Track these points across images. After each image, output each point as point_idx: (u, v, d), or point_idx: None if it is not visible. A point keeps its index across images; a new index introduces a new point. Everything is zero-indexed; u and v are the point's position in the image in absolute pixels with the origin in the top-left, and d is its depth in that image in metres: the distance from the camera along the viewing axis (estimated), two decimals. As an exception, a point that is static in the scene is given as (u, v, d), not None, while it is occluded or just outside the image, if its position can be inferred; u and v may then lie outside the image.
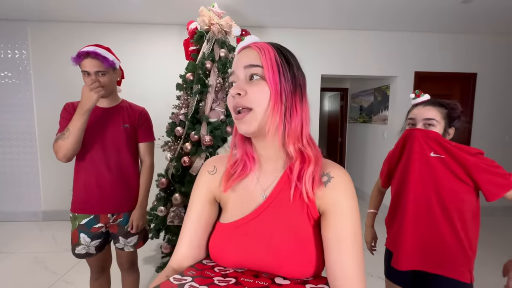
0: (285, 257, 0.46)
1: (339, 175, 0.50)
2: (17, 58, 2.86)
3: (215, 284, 0.42)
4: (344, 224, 0.46)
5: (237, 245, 0.49)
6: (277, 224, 0.48)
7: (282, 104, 0.47)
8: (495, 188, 0.84)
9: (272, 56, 0.47)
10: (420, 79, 3.20)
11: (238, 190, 0.53)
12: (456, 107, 0.96)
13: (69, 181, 3.12)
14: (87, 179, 1.17)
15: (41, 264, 2.13)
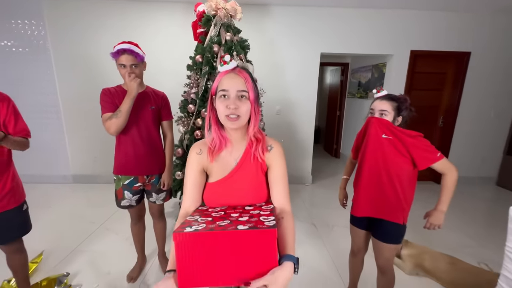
0: (250, 194, 0.83)
1: (276, 146, 0.86)
2: (36, 35, 3.06)
3: (213, 216, 0.73)
4: (278, 172, 0.84)
5: (221, 193, 0.84)
6: (245, 177, 0.83)
7: (253, 111, 0.80)
8: (424, 160, 1.17)
9: (251, 83, 0.78)
10: (415, 57, 3.34)
11: (219, 161, 0.85)
12: (405, 101, 1.24)
13: (92, 149, 3.54)
14: (127, 149, 1.51)
15: (79, 216, 2.61)
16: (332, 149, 5.26)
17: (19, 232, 1.37)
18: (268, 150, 0.84)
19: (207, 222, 0.67)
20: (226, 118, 0.77)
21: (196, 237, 0.60)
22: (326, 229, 2.48)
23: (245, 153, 0.84)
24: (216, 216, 0.72)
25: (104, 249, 2.10)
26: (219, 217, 0.71)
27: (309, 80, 3.36)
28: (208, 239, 0.60)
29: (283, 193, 0.82)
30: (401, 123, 1.26)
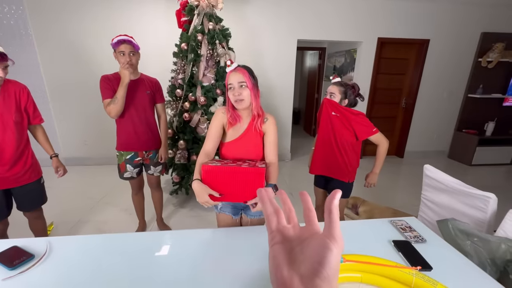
0: (251, 151, 1.18)
1: (271, 119, 1.20)
2: (16, 20, 3.05)
3: (226, 162, 1.07)
4: (270, 137, 1.18)
5: (233, 150, 1.19)
6: (248, 140, 1.18)
7: (253, 95, 1.12)
8: (362, 133, 1.54)
9: (248, 76, 1.10)
10: (382, 44, 3.70)
11: (233, 128, 1.19)
12: (352, 89, 1.57)
13: (81, 133, 3.67)
14: (127, 129, 1.75)
15: (78, 194, 2.84)
16: (311, 129, 5.67)
17: (39, 202, 1.63)
18: (264, 122, 1.18)
19: (224, 163, 1.03)
20: (235, 102, 1.12)
21: (215, 168, 0.99)
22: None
23: (249, 124, 1.18)
24: (228, 162, 1.07)
25: (106, 219, 2.38)
26: (230, 163, 1.06)
27: (287, 65, 3.64)
28: (222, 171, 0.98)
29: (273, 151, 1.18)
30: (348, 105, 1.60)
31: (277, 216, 0.30)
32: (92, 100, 3.35)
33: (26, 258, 0.88)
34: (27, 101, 1.47)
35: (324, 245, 0.25)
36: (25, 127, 1.51)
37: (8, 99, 1.40)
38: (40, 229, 1.70)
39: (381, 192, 3.06)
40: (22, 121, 1.47)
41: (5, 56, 1.30)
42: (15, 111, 1.42)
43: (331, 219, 0.27)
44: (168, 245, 1.00)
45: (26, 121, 1.50)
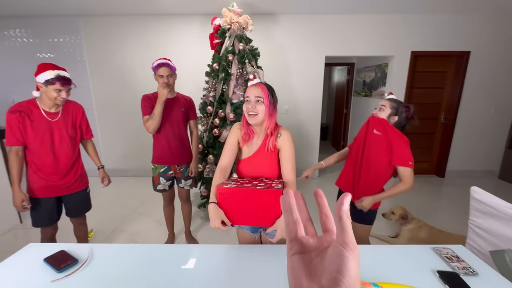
0: (265, 170, 1.16)
1: (284, 134, 1.15)
2: (74, 48, 3.52)
3: (241, 182, 1.07)
4: (285, 154, 1.13)
5: (248, 168, 1.19)
6: (262, 158, 1.16)
7: (267, 113, 1.11)
8: (398, 159, 1.42)
9: (267, 93, 1.11)
10: (416, 57, 3.55)
11: (247, 145, 1.20)
12: (405, 107, 1.46)
13: (122, 147, 3.96)
14: (162, 143, 1.87)
15: (115, 203, 3.04)
16: (339, 145, 5.50)
17: (85, 209, 1.78)
18: (277, 137, 1.14)
19: (240, 185, 1.01)
20: (248, 116, 1.11)
21: (229, 191, 0.96)
22: (329, 216, 2.77)
23: (263, 142, 1.16)
24: (243, 182, 1.06)
25: (139, 229, 2.50)
26: (245, 183, 1.05)
27: (315, 81, 3.64)
28: (237, 193, 0.95)
29: (289, 169, 1.12)
30: (396, 124, 1.47)
31: (296, 225, 0.29)
32: (132, 117, 3.66)
33: (71, 263, 0.96)
34: (82, 119, 1.67)
35: (340, 253, 0.25)
36: (78, 141, 1.70)
37: (67, 117, 1.59)
38: (83, 235, 1.84)
39: (420, 215, 2.80)
40: (76, 136, 1.66)
41: (70, 81, 1.51)
42: (71, 127, 1.61)
43: (342, 225, 0.26)
44: (195, 258, 1.02)
45: (79, 136, 1.69)
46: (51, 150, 1.54)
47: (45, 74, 1.41)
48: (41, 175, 1.55)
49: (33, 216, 1.60)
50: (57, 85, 1.44)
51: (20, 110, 1.44)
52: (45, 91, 1.45)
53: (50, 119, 1.53)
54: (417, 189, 3.52)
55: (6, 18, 3.40)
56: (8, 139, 1.45)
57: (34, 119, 1.48)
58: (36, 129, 1.48)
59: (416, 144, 3.90)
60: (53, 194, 1.61)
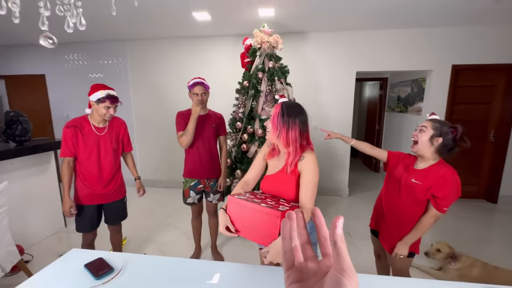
0: (283, 191, 1.12)
1: (307, 157, 1.09)
2: (120, 68, 3.92)
3: (256, 196, 1.05)
4: (305, 178, 1.08)
5: (267, 185, 1.17)
6: (281, 179, 1.14)
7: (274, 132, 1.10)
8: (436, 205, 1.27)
9: (275, 112, 1.10)
10: (457, 71, 3.31)
11: (272, 162, 1.20)
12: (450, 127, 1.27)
13: (155, 159, 4.18)
14: (193, 158, 1.95)
15: (147, 213, 3.18)
16: (371, 163, 5.21)
17: (121, 217, 1.91)
18: (300, 160, 1.10)
19: (249, 198, 1.01)
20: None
21: (237, 201, 1.00)
22: (362, 239, 2.59)
23: (284, 164, 1.14)
24: (257, 197, 1.05)
25: (167, 240, 2.57)
26: (258, 198, 1.04)
27: (345, 97, 3.56)
28: (242, 205, 0.98)
29: (306, 195, 1.06)
30: (441, 147, 1.29)
31: (294, 253, 0.29)
32: (167, 132, 3.89)
33: (108, 271, 1.01)
34: (124, 133, 1.83)
35: (337, 280, 0.24)
36: (120, 153, 1.85)
37: (112, 131, 1.76)
38: (118, 242, 1.95)
39: (470, 246, 2.49)
40: (118, 148, 1.81)
41: (117, 99, 1.68)
42: (115, 141, 1.77)
43: (338, 251, 0.25)
44: (219, 274, 1.02)
45: (121, 149, 1.84)
46: (97, 161, 1.69)
47: (97, 94, 1.59)
48: (87, 184, 1.70)
49: (78, 221, 1.75)
50: (107, 103, 1.61)
51: (74, 125, 1.63)
52: (96, 108, 1.63)
53: (98, 133, 1.70)
54: (465, 215, 3.16)
55: (66, 44, 3.92)
56: (63, 151, 1.63)
57: (85, 133, 1.65)
58: (86, 142, 1.65)
59: (461, 165, 3.54)
60: (96, 202, 1.74)
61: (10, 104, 4.41)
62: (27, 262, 2.11)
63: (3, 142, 2.28)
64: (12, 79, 4.31)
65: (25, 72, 4.18)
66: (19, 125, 2.20)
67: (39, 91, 4.21)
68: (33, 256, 2.21)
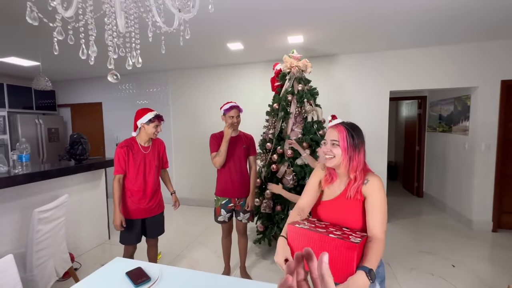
0: (346, 219, 1.03)
1: (372, 180, 1.01)
2: (162, 95, 4.37)
3: (316, 225, 0.99)
4: (373, 203, 0.97)
5: (326, 211, 1.10)
6: (343, 205, 1.04)
7: (346, 156, 1.00)
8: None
9: (344, 135, 1.01)
10: (508, 87, 3.02)
11: (330, 187, 1.11)
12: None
13: (190, 178, 4.41)
14: (225, 177, 2.05)
15: (180, 230, 3.31)
16: (413, 187, 4.80)
17: (160, 231, 2.04)
18: (364, 183, 1.00)
19: (311, 228, 0.95)
20: (325, 159, 1.05)
21: (300, 231, 0.92)
22: (402, 271, 2.35)
23: (346, 187, 1.05)
24: (318, 226, 0.98)
25: (198, 257, 2.63)
26: (320, 227, 0.97)
27: (379, 117, 3.45)
28: (307, 235, 0.90)
29: (376, 222, 0.95)
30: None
31: None
32: (201, 152, 4.13)
33: (145, 279, 1.10)
34: (164, 151, 2.03)
35: None
36: (160, 170, 2.02)
37: (154, 149, 1.96)
38: (154, 256, 2.06)
39: None
40: (159, 165, 2.00)
41: (162, 118, 1.90)
42: (157, 158, 1.96)
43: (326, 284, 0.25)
44: None
45: (160, 166, 2.01)
46: (143, 177, 1.89)
47: (147, 115, 1.82)
48: (134, 200, 1.88)
49: (124, 234, 1.90)
50: (156, 122, 1.84)
51: (126, 145, 1.85)
52: (146, 128, 1.84)
53: (144, 151, 1.91)
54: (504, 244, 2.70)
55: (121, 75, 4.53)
56: (116, 169, 1.83)
57: (135, 152, 1.87)
58: (135, 160, 1.86)
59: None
60: (141, 216, 1.91)
61: (73, 128, 5.14)
62: (76, 270, 2.32)
63: (67, 160, 2.66)
64: (76, 107, 5.07)
65: (87, 100, 4.89)
66: (80, 145, 2.56)
67: (96, 117, 4.86)
68: (81, 264, 2.44)
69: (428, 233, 3.16)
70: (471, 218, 3.26)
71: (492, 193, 3.15)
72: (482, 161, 3.16)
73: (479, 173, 3.18)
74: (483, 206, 3.19)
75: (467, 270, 2.36)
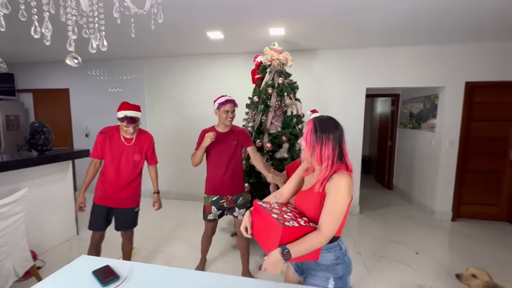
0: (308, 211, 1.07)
1: (335, 179, 0.98)
2: (137, 84, 4.14)
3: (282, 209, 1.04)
4: (328, 201, 0.98)
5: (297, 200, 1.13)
6: (308, 197, 1.08)
7: (308, 150, 1.03)
8: None
9: (310, 130, 1.04)
10: (471, 88, 3.25)
11: (307, 178, 1.15)
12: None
13: (167, 171, 4.23)
14: (215, 175, 1.96)
15: (155, 224, 3.21)
16: (384, 180, 5.07)
17: (129, 225, 1.96)
18: (329, 180, 1.00)
19: (271, 207, 1.05)
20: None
21: (258, 208, 1.05)
22: (372, 259, 2.49)
23: (316, 181, 1.06)
24: (281, 209, 1.05)
25: (173, 252, 2.57)
26: (282, 210, 1.04)
27: (355, 113, 3.56)
28: (260, 212, 1.03)
29: (325, 218, 0.97)
30: None
31: None
32: (179, 145, 4.01)
33: (113, 278, 1.04)
34: (148, 147, 1.94)
35: None
36: (140, 165, 1.93)
37: (137, 144, 1.88)
38: (128, 250, 2.00)
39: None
40: (140, 161, 1.91)
41: (135, 120, 1.79)
42: (138, 153, 1.88)
43: None
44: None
45: (143, 161, 1.94)
46: (117, 168, 1.83)
47: (119, 113, 1.78)
48: (105, 186, 1.85)
49: (91, 219, 1.88)
50: (124, 123, 1.77)
51: (105, 132, 1.83)
52: (120, 125, 1.82)
53: (126, 143, 1.85)
54: (484, 237, 2.98)
55: (90, 61, 4.21)
56: (92, 153, 1.85)
57: (113, 140, 1.83)
58: (112, 149, 1.82)
59: (480, 184, 3.41)
60: (108, 204, 1.86)
61: (36, 115, 4.71)
62: (39, 268, 2.16)
63: (27, 151, 2.43)
64: (39, 92, 4.64)
65: (51, 86, 4.50)
66: (42, 135, 2.35)
67: (62, 104, 4.49)
68: (45, 263, 2.28)
69: (396, 223, 3.36)
70: (434, 208, 3.53)
71: (453, 185, 3.42)
72: (446, 156, 3.40)
73: (443, 168, 3.43)
74: (444, 198, 3.46)
75: (429, 257, 2.55)
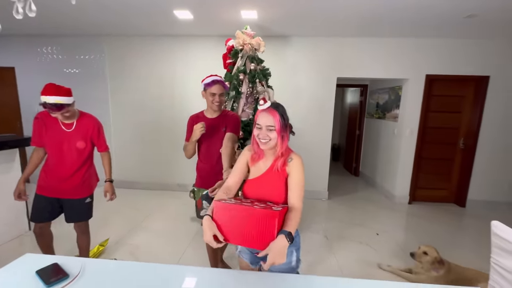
0: (272, 193, 1.10)
1: (295, 159, 1.10)
2: (97, 65, 3.76)
3: (242, 202, 1.01)
4: (294, 179, 1.07)
5: (253, 188, 1.14)
6: (269, 180, 1.11)
7: (280, 138, 1.06)
8: None
9: (278, 119, 1.04)
10: (431, 81, 3.47)
11: (256, 165, 1.17)
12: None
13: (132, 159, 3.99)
14: (206, 166, 1.76)
15: (122, 215, 3.05)
16: (352, 167, 5.34)
17: (82, 217, 1.81)
18: (288, 162, 1.09)
19: (236, 202, 0.98)
20: (260, 143, 1.09)
21: (227, 206, 0.94)
22: (337, 241, 2.63)
23: (272, 164, 1.12)
24: (244, 202, 1.01)
25: (139, 243, 2.47)
26: (246, 202, 1.00)
27: (326, 102, 3.63)
28: (233, 209, 0.93)
29: (295, 194, 1.06)
30: None
31: None
32: (146, 130, 3.77)
33: (61, 277, 0.94)
34: (93, 132, 1.72)
35: None
36: (87, 152, 1.74)
37: (79, 129, 1.67)
38: (84, 245, 1.85)
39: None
40: (85, 148, 1.71)
41: (61, 107, 1.52)
42: (81, 139, 1.68)
43: None
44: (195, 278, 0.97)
45: (89, 148, 1.74)
46: (59, 156, 1.66)
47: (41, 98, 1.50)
48: (47, 175, 1.69)
49: (31, 210, 1.73)
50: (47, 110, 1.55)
51: (40, 117, 1.62)
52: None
53: (66, 129, 1.64)
54: (435, 218, 3.30)
55: (39, 37, 3.72)
56: (32, 140, 1.68)
57: (49, 126, 1.62)
58: (51, 136, 1.63)
59: (433, 170, 3.74)
60: (51, 194, 1.70)
61: (-26, 97, 4.09)
62: (-18, 269, 1.94)
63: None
64: (-23, 71, 4.01)
65: (-8, 63, 3.91)
66: (-22, 119, 2.04)
67: (7, 85, 3.94)
68: (-10, 262, 2.04)
69: (361, 207, 3.58)
70: (394, 193, 3.81)
71: (411, 171, 3.71)
72: (406, 144, 3.65)
73: (403, 155, 3.69)
74: (403, 183, 3.75)
75: (387, 237, 2.76)
